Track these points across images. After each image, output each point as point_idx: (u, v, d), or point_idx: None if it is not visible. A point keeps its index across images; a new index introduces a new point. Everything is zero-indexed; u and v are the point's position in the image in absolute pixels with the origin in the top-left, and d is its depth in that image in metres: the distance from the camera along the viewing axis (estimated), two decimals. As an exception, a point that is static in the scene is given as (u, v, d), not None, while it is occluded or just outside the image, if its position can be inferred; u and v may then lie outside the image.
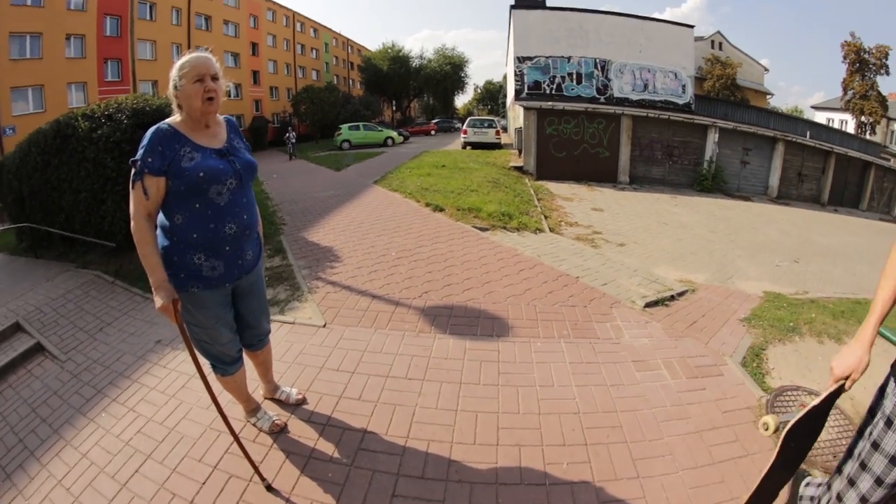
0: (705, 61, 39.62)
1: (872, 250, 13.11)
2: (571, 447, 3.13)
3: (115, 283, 6.44)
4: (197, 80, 2.57)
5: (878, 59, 38.51)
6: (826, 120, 43.12)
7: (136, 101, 7.08)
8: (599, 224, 10.89)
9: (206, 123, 2.71)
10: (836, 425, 3.55)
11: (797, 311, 5.72)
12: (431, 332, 4.60)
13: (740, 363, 4.34)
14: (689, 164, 20.83)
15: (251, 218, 2.83)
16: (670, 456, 3.09)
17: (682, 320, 5.16)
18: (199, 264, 2.65)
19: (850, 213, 21.59)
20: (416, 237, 7.44)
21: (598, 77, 24.10)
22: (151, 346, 4.73)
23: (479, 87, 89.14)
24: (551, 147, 19.24)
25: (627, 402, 3.62)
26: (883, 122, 39.39)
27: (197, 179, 2.53)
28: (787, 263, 9.56)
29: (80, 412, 3.83)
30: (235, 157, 2.74)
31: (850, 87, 39.57)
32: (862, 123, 39.16)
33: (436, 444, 3.14)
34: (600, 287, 5.86)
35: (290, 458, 3.07)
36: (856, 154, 24.29)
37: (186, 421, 3.52)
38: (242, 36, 43.26)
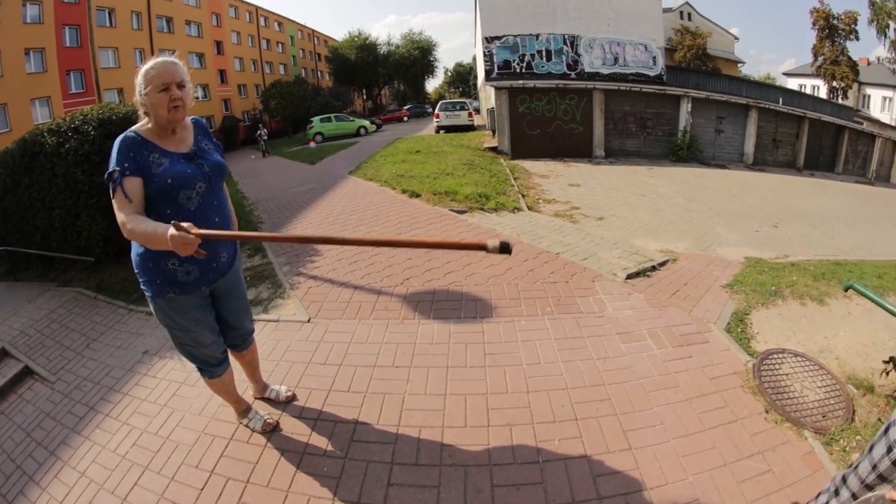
0: (675, 32, 39.65)
1: (850, 212, 13.33)
2: (562, 423, 3.13)
3: (97, 298, 6.34)
4: (162, 89, 2.51)
5: (846, 25, 38.81)
6: (798, 86, 43.41)
7: (101, 112, 6.96)
8: (577, 199, 10.86)
9: (174, 130, 2.66)
10: (823, 385, 3.59)
11: (778, 274, 5.77)
12: (415, 319, 4.57)
13: (725, 329, 4.35)
14: (664, 135, 20.91)
15: (223, 220, 2.80)
16: (661, 425, 3.09)
17: (665, 290, 5.16)
18: (173, 270, 2.63)
19: (826, 177, 21.83)
20: (395, 225, 7.40)
21: (567, 53, 23.97)
22: (139, 357, 4.68)
23: (449, 70, 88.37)
24: (524, 125, 19.21)
25: (615, 374, 3.62)
26: (854, 86, 39.67)
27: (165, 186, 2.49)
28: (767, 228, 9.63)
29: (75, 431, 3.78)
30: (204, 160, 2.70)
31: (821, 53, 39.86)
32: (833, 88, 39.48)
33: (427, 430, 3.13)
34: (581, 262, 5.84)
35: (284, 456, 3.05)
36: (829, 118, 24.49)
37: (180, 429, 3.49)
38: (206, 35, 42.36)
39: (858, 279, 5.32)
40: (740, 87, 28.74)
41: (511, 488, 2.67)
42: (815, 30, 39.83)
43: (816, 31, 39.84)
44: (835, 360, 3.96)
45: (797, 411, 3.29)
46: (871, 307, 4.86)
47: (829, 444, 3.02)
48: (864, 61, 41.46)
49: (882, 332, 4.43)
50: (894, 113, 37.49)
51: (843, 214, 12.73)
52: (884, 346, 4.12)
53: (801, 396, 3.44)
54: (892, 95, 38.22)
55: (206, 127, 2.98)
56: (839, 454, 2.95)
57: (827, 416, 3.28)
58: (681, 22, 40.76)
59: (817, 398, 3.43)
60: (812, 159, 23.28)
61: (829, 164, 24.05)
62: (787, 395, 3.44)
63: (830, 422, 3.22)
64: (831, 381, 3.63)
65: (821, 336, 4.35)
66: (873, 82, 39.80)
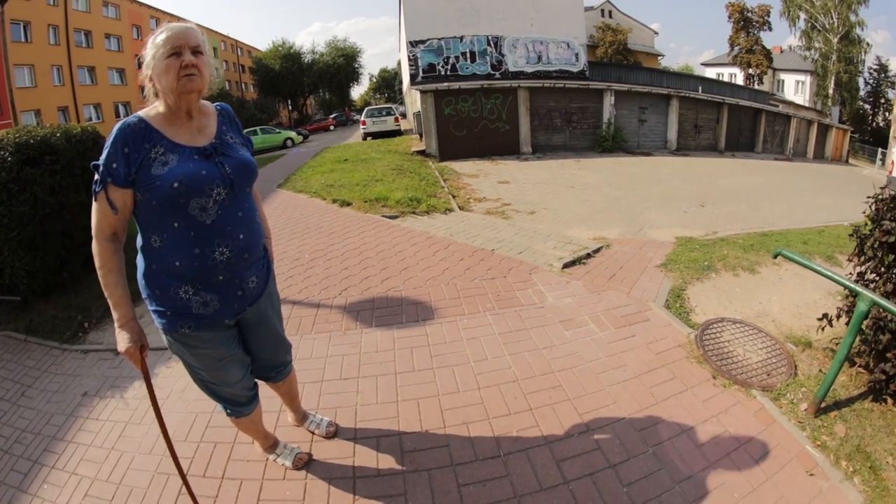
0: (597, 29, 40.80)
1: (772, 187, 14.08)
2: (517, 414, 3.11)
3: (27, 341, 5.85)
4: (172, 53, 1.99)
5: (760, 17, 41.42)
6: (716, 75, 45.70)
7: (18, 135, 6.34)
8: (508, 196, 10.98)
9: (188, 112, 2.14)
10: (763, 346, 3.74)
11: (710, 250, 5.96)
12: (357, 328, 4.45)
13: (664, 306, 4.45)
14: (589, 128, 21.42)
15: (251, 236, 2.25)
16: (615, 404, 3.12)
17: (602, 275, 5.23)
18: (186, 299, 2.12)
19: (747, 157, 22.99)
20: (328, 235, 7.23)
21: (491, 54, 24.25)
22: (79, 399, 4.37)
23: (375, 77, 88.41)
24: (451, 127, 19.29)
25: (562, 361, 3.62)
26: (770, 72, 42.27)
27: (170, 192, 1.96)
28: (694, 209, 9.95)
29: (21, 489, 3.46)
30: (225, 158, 2.15)
31: (737, 43, 42.32)
32: (750, 75, 41.94)
33: (385, 439, 3.04)
34: (517, 256, 5.85)
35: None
36: (746, 103, 25.96)
37: (132, 471, 3.25)
38: (126, 49, 40.28)
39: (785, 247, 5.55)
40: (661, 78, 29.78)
41: (478, 485, 2.63)
42: (731, 22, 42.35)
43: (732, 24, 42.36)
44: (772, 322, 4.13)
45: (743, 374, 3.40)
46: (799, 271, 5.10)
47: (777, 399, 3.17)
48: (778, 49, 44.40)
49: (812, 293, 4.66)
50: (807, 95, 40.32)
51: (765, 189, 13.38)
52: (815, 305, 4.34)
53: (744, 360, 3.56)
54: (804, 79, 41.19)
55: (233, 116, 2.45)
56: (788, 407, 3.10)
57: (771, 374, 3.41)
58: (602, 19, 42.06)
59: (760, 359, 3.57)
60: (733, 141, 24.41)
61: (749, 144, 25.31)
62: (732, 360, 3.55)
63: (776, 379, 3.36)
64: (771, 343, 3.78)
65: (756, 302, 4.52)
66: (787, 68, 42.70)
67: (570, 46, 25.92)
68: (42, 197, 6.16)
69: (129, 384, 4.36)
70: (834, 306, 3.79)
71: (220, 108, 2.39)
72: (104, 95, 37.20)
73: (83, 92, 34.84)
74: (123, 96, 39.28)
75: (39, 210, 6.17)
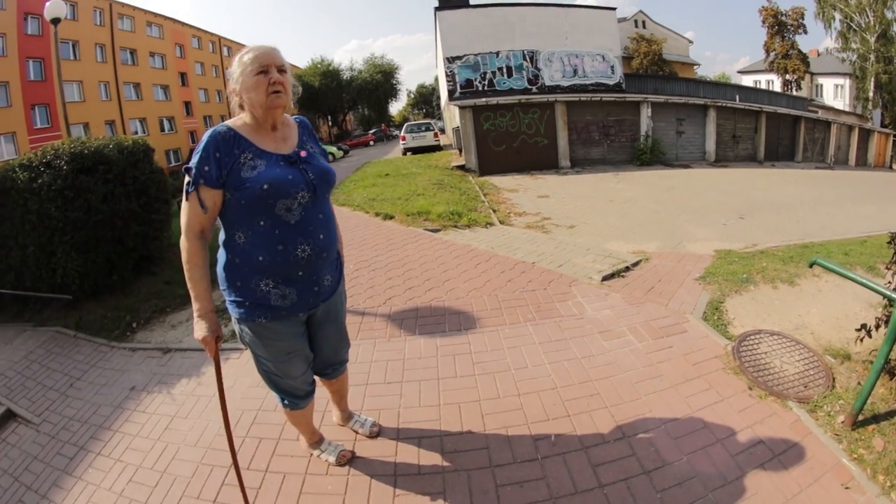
0: (631, 40, 40.63)
1: (812, 197, 13.77)
2: (556, 420, 3.19)
3: (77, 337, 6.12)
4: (260, 71, 2.22)
5: (794, 20, 40.44)
6: (753, 82, 44.83)
7: (73, 146, 6.72)
8: (547, 210, 11.07)
9: (273, 125, 2.37)
10: (801, 358, 3.74)
11: (749, 263, 5.95)
12: (402, 336, 4.60)
13: (702, 318, 4.48)
14: (627, 141, 21.36)
15: (329, 238, 2.45)
16: (651, 413, 3.18)
17: (640, 288, 5.29)
18: (266, 291, 2.32)
19: (787, 167, 22.47)
20: (372, 247, 7.43)
21: (527, 68, 24.38)
22: (126, 393, 4.56)
23: (412, 92, 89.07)
24: (490, 142, 19.46)
25: (600, 370, 3.70)
26: (807, 77, 41.11)
27: (260, 193, 2.17)
28: (733, 221, 9.88)
29: (66, 472, 3.65)
30: (308, 165, 2.36)
31: (772, 48, 41.36)
32: (787, 81, 40.90)
33: (427, 440, 3.16)
34: (556, 269, 5.95)
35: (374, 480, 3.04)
36: (784, 110, 25.36)
37: (177, 461, 3.41)
38: (170, 67, 42.25)
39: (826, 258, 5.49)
40: (697, 88, 29.44)
41: (515, 486, 2.71)
42: (766, 27, 41.35)
43: (767, 29, 41.36)
44: (810, 334, 4.12)
45: (779, 385, 3.41)
46: (839, 283, 5.07)
47: (814, 411, 3.15)
48: (814, 53, 43.03)
49: (852, 304, 4.61)
50: (846, 99, 38.99)
51: (806, 200, 13.13)
52: (855, 317, 4.27)
53: (781, 371, 3.57)
54: (843, 83, 39.69)
55: (311, 128, 2.65)
56: (824, 419, 3.07)
57: (808, 385, 3.41)
58: (636, 30, 41.83)
59: (797, 371, 3.57)
60: (772, 151, 23.98)
61: (789, 154, 24.80)
62: (768, 372, 3.56)
63: (812, 391, 3.35)
64: (809, 355, 3.78)
65: (794, 315, 4.50)
66: (825, 72, 41.33)
67: (605, 59, 25.90)
68: (95, 204, 6.50)
69: (176, 381, 4.55)
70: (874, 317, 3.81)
71: (299, 120, 2.58)
72: (149, 110, 38.79)
73: (129, 107, 36.43)
74: (167, 111, 40.84)
75: (92, 216, 6.50)
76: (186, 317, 6.05)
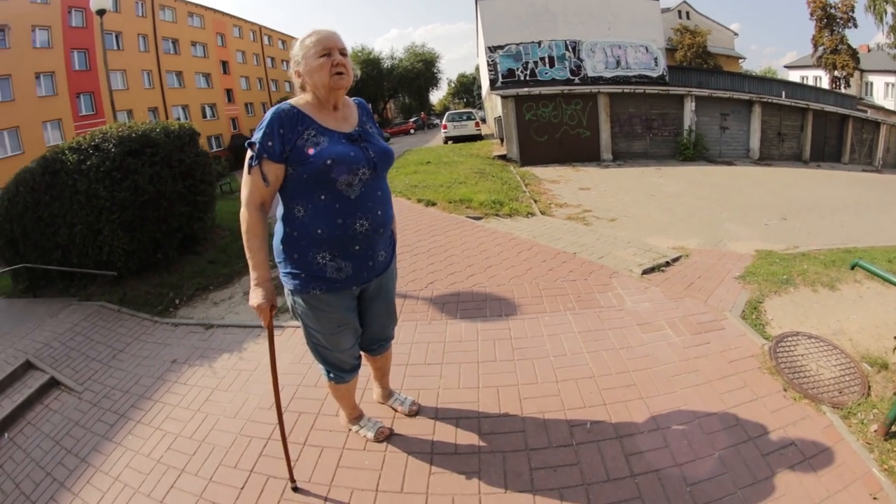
0: (674, 32, 39.70)
1: (858, 201, 13.44)
2: (592, 408, 3.28)
3: (121, 311, 6.36)
4: (324, 54, 2.31)
5: (844, 13, 38.41)
6: (800, 78, 43.14)
7: (121, 130, 7.10)
8: (588, 202, 11.10)
9: (335, 105, 2.45)
10: (838, 364, 3.74)
11: (789, 264, 5.92)
12: (443, 319, 4.72)
13: (740, 316, 4.51)
14: (670, 135, 21.13)
15: (386, 214, 2.52)
16: (686, 406, 3.25)
17: (680, 283, 5.33)
18: (322, 264, 2.39)
19: (833, 168, 21.94)
20: (414, 232, 7.58)
21: (570, 58, 24.11)
22: (168, 366, 4.73)
23: (453, 81, 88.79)
24: (532, 132, 19.46)
25: (638, 362, 3.78)
26: (856, 74, 39.36)
27: (323, 168, 2.25)
28: (776, 221, 9.79)
29: (106, 438, 3.80)
30: (369, 144, 2.44)
31: (820, 43, 39.52)
32: (836, 78, 39.11)
33: (464, 420, 3.27)
34: (597, 260, 6.01)
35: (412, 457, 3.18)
36: (832, 109, 24.50)
37: (216, 431, 3.54)
38: (211, 55, 43.10)
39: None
40: (742, 82, 28.73)
41: (549, 470, 2.80)
42: (814, 20, 39.38)
43: (815, 22, 39.37)
44: (848, 341, 4.11)
45: (814, 388, 3.43)
46: (881, 290, 5.02)
47: (847, 418, 3.15)
48: (865, 48, 41.08)
49: (893, 314, 4.55)
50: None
51: (850, 203, 12.87)
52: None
53: (817, 375, 3.58)
54: (894, 81, 38.07)
55: (369, 110, 2.72)
56: (857, 426, 3.07)
57: (843, 391, 3.41)
58: (679, 21, 40.81)
59: (833, 376, 3.58)
60: (818, 151, 23.37)
61: (835, 154, 24.12)
62: (804, 374, 3.58)
63: (847, 397, 3.35)
64: (846, 360, 3.78)
65: (833, 319, 4.49)
66: (875, 69, 39.66)
67: (648, 50, 25.47)
68: (142, 185, 6.79)
69: (217, 356, 4.71)
70: None
71: (358, 101, 2.66)
72: (191, 98, 39.88)
73: (171, 94, 37.53)
74: (209, 98, 41.79)
75: (139, 196, 6.80)
76: (229, 294, 6.25)
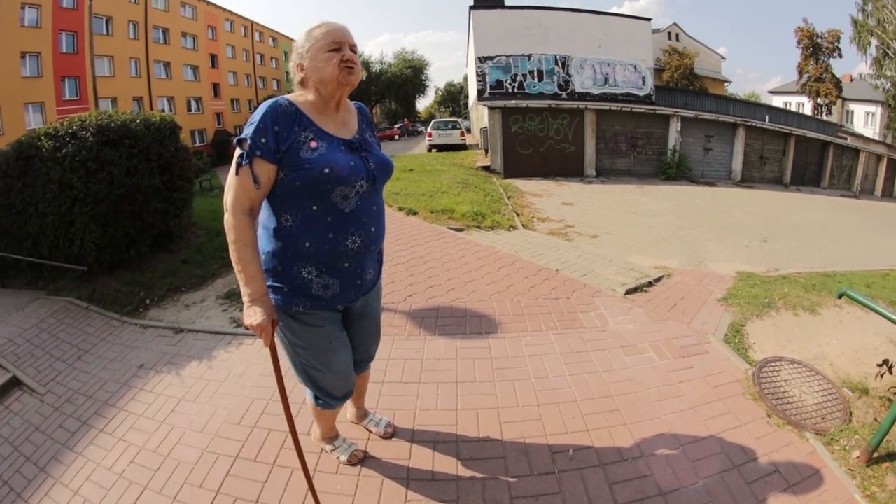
0: (663, 52, 40.34)
1: (836, 225, 13.73)
2: (574, 434, 3.20)
3: (89, 309, 6.12)
4: (333, 48, 2.10)
5: (830, 43, 39.94)
6: (783, 103, 44.26)
7: (100, 118, 6.83)
8: (571, 218, 11.07)
9: (338, 104, 2.24)
10: (820, 389, 3.74)
11: (770, 287, 5.94)
12: (421, 335, 4.60)
13: (723, 340, 4.49)
14: (654, 154, 21.32)
15: (379, 231, 2.35)
16: (670, 433, 3.19)
17: (663, 304, 5.29)
18: (308, 279, 2.19)
19: (813, 192, 22.38)
20: (394, 241, 7.45)
21: (558, 73, 24.32)
22: (134, 371, 4.54)
23: (440, 90, 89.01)
24: (517, 145, 19.48)
25: (621, 386, 3.71)
26: (838, 102, 40.75)
27: (320, 176, 2.04)
28: (756, 244, 9.86)
29: (67, 447, 3.60)
30: (369, 154, 2.26)
31: (805, 70, 40.97)
32: (818, 105, 40.58)
33: (442, 445, 3.15)
34: (580, 278, 5.95)
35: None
36: (814, 134, 25.15)
37: (181, 446, 3.36)
38: (201, 48, 42.25)
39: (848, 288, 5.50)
40: (728, 105, 29.24)
41: (530, 499, 2.71)
42: (800, 48, 40.97)
43: (801, 50, 40.99)
44: (829, 365, 4.12)
45: (797, 415, 3.42)
46: (860, 315, 5.06)
47: (830, 444, 3.16)
48: (848, 78, 42.52)
49: (872, 339, 4.61)
50: (877, 127, 38.50)
51: (829, 228, 13.11)
52: (875, 352, 4.29)
53: (800, 401, 3.58)
54: (874, 110, 39.20)
55: (369, 115, 2.54)
56: (840, 453, 3.08)
57: (826, 417, 3.41)
58: (669, 42, 41.53)
59: (815, 402, 3.58)
60: (798, 175, 23.83)
61: (815, 179, 24.64)
62: (787, 400, 3.57)
63: (830, 423, 3.36)
64: (828, 386, 3.78)
65: (815, 344, 4.51)
66: (857, 98, 40.94)
67: (637, 69, 25.80)
68: (118, 177, 6.54)
69: (186, 363, 4.53)
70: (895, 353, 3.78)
71: (359, 106, 2.46)
72: (177, 90, 38.86)
73: (158, 85, 36.51)
74: (195, 92, 41.02)
75: (114, 189, 6.53)
76: (201, 297, 6.08)
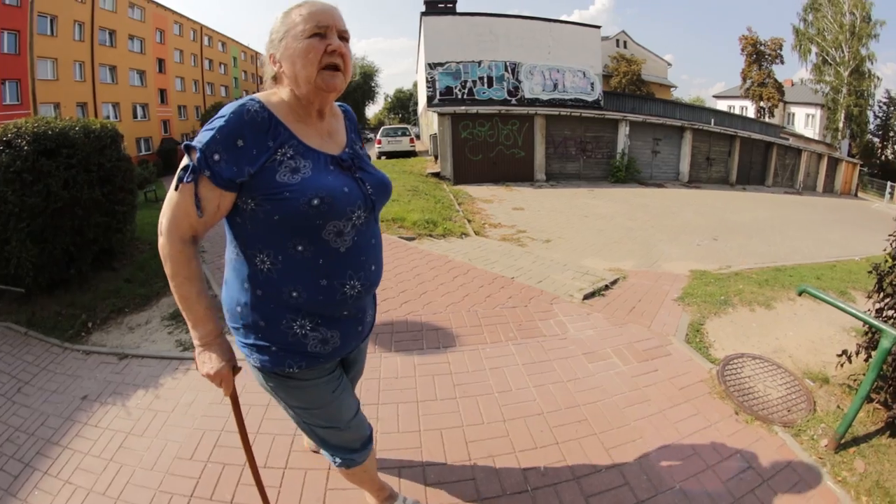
0: (612, 59, 41.19)
1: (782, 221, 14.18)
2: (544, 448, 3.09)
3: (28, 335, 5.67)
4: (315, 32, 1.54)
5: (772, 51, 42.17)
6: (728, 107, 46.38)
7: (37, 125, 6.25)
8: (523, 223, 11.07)
9: (321, 111, 1.71)
10: (783, 382, 3.79)
11: (725, 284, 6.03)
12: (376, 352, 4.40)
13: (684, 341, 4.48)
14: (603, 158, 21.63)
15: (379, 268, 1.85)
16: (641, 439, 3.13)
17: (621, 307, 5.25)
18: (300, 335, 1.69)
19: (758, 190, 23.19)
20: (345, 255, 7.22)
21: (508, 79, 24.54)
22: (77, 403, 4.20)
23: (390, 96, 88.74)
24: (467, 151, 19.50)
25: (587, 394, 3.62)
26: (780, 105, 42.83)
27: (306, 209, 1.52)
28: (707, 242, 10.01)
29: (9, 493, 3.27)
30: (365, 174, 1.76)
31: (749, 76, 42.98)
32: (761, 108, 42.56)
33: (407, 470, 2.97)
34: (536, 285, 5.87)
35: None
36: (758, 136, 26.39)
37: (132, 487, 3.08)
38: (148, 52, 40.41)
39: (799, 282, 5.72)
40: (674, 109, 30.10)
41: None
42: (744, 55, 43.06)
43: (745, 57, 43.11)
44: (789, 358, 4.19)
45: (764, 409, 3.44)
46: (814, 307, 5.22)
47: (798, 435, 3.20)
48: (789, 82, 45.14)
49: (827, 329, 4.74)
50: (817, 128, 40.99)
51: (776, 224, 13.50)
52: (830, 341, 4.42)
53: (765, 396, 3.60)
54: (814, 112, 41.68)
55: (356, 121, 2.01)
56: (808, 443, 3.13)
57: (791, 410, 3.45)
58: (617, 49, 42.52)
59: (780, 395, 3.62)
60: (744, 174, 24.66)
61: (760, 178, 25.53)
62: (753, 396, 3.59)
63: (796, 415, 3.40)
64: (790, 378, 3.84)
65: (773, 338, 4.58)
66: (797, 101, 43.21)
67: (585, 76, 26.21)
68: (55, 190, 6.07)
69: (132, 392, 4.21)
70: (849, 342, 3.92)
71: (345, 109, 1.96)
72: (123, 95, 37.00)
73: (103, 90, 34.60)
74: (142, 98, 39.11)
75: (52, 203, 6.07)
76: (146, 319, 5.71)
